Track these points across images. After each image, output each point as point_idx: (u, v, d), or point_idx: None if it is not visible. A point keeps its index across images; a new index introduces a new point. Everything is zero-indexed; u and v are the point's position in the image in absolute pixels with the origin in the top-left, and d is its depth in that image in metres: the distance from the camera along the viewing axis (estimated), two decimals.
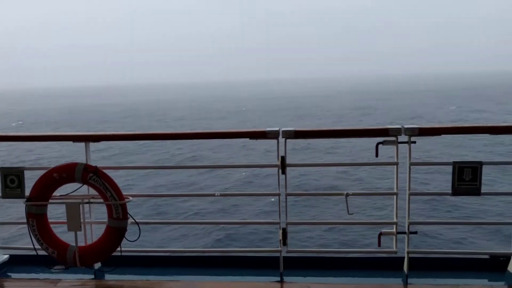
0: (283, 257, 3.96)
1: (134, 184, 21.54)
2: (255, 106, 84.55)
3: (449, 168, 3.62)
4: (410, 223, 3.77)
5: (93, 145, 4.18)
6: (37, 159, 31.88)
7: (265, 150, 28.77)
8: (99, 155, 29.24)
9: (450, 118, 51.23)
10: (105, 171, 3.86)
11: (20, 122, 64.22)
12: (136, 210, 4.16)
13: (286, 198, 3.86)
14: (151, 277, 4.14)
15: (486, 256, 4.22)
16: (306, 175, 22.79)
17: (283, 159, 3.80)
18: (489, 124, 3.79)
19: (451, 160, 3.64)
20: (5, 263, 4.44)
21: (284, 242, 3.89)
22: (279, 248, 3.94)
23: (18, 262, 4.51)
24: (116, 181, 3.85)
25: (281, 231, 3.88)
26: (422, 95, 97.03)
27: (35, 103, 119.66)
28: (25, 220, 3.89)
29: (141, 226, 3.95)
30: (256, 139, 3.94)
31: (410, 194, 3.76)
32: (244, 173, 24.20)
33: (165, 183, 22.92)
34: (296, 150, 29.32)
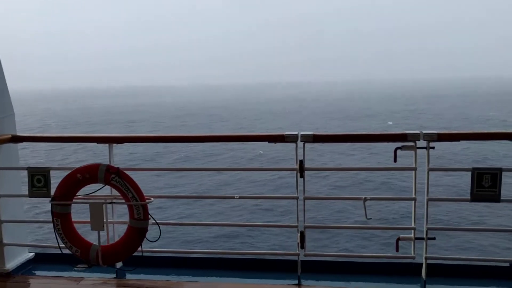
0: (301, 260, 3.99)
1: (155, 185, 21.76)
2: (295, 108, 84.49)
3: (468, 174, 3.62)
4: (428, 229, 3.76)
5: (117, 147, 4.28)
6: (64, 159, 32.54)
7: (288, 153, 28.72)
8: (123, 156, 29.76)
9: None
10: (127, 172, 3.94)
11: (53, 122, 65.55)
12: (157, 211, 4.23)
13: (304, 202, 3.89)
14: (171, 278, 4.21)
15: (506, 264, 4.20)
16: (324, 179, 22.77)
17: (301, 163, 3.83)
18: (509, 130, 3.77)
19: (470, 166, 3.64)
20: (31, 260, 4.56)
21: (302, 245, 3.91)
22: (297, 252, 3.96)
23: (43, 260, 4.62)
24: (137, 182, 3.93)
25: (299, 234, 3.90)
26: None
27: (76, 103, 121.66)
28: (50, 219, 4.00)
29: (161, 226, 4.02)
30: (275, 143, 3.99)
31: (429, 200, 3.76)
32: (263, 176, 24.26)
33: (185, 185, 23.12)
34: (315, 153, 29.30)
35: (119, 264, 4.25)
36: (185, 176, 24.47)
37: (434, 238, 3.79)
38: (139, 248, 3.98)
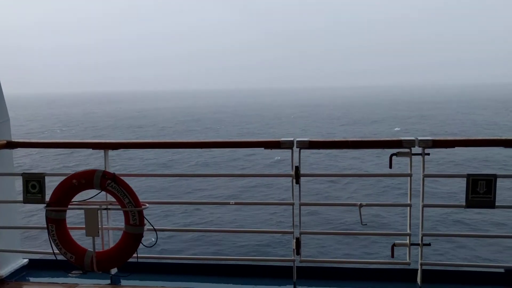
0: (297, 266, 4.00)
1: (151, 191, 21.71)
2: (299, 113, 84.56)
3: (463, 181, 3.64)
4: (423, 235, 3.78)
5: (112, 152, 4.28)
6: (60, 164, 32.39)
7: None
8: (119, 162, 29.75)
9: None
10: (123, 178, 3.94)
11: (58, 127, 65.67)
12: (152, 217, 4.23)
13: (300, 208, 3.90)
14: (166, 284, 4.19)
15: (501, 270, 4.21)
16: (320, 185, 22.80)
17: (297, 169, 3.84)
18: (504, 137, 3.80)
19: (465, 173, 3.66)
20: (25, 267, 4.54)
21: (298, 251, 3.92)
22: (293, 258, 3.97)
23: (37, 266, 4.60)
24: (133, 188, 3.93)
25: (294, 240, 3.91)
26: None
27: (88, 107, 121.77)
28: (45, 225, 3.99)
29: (157, 232, 4.02)
30: (271, 149, 4.00)
31: (424, 206, 3.78)
32: (258, 182, 24.23)
33: (181, 191, 23.06)
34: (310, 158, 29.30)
35: (114, 270, 4.24)
36: (182, 182, 24.42)
37: (429, 244, 3.81)
38: (134, 254, 3.97)
